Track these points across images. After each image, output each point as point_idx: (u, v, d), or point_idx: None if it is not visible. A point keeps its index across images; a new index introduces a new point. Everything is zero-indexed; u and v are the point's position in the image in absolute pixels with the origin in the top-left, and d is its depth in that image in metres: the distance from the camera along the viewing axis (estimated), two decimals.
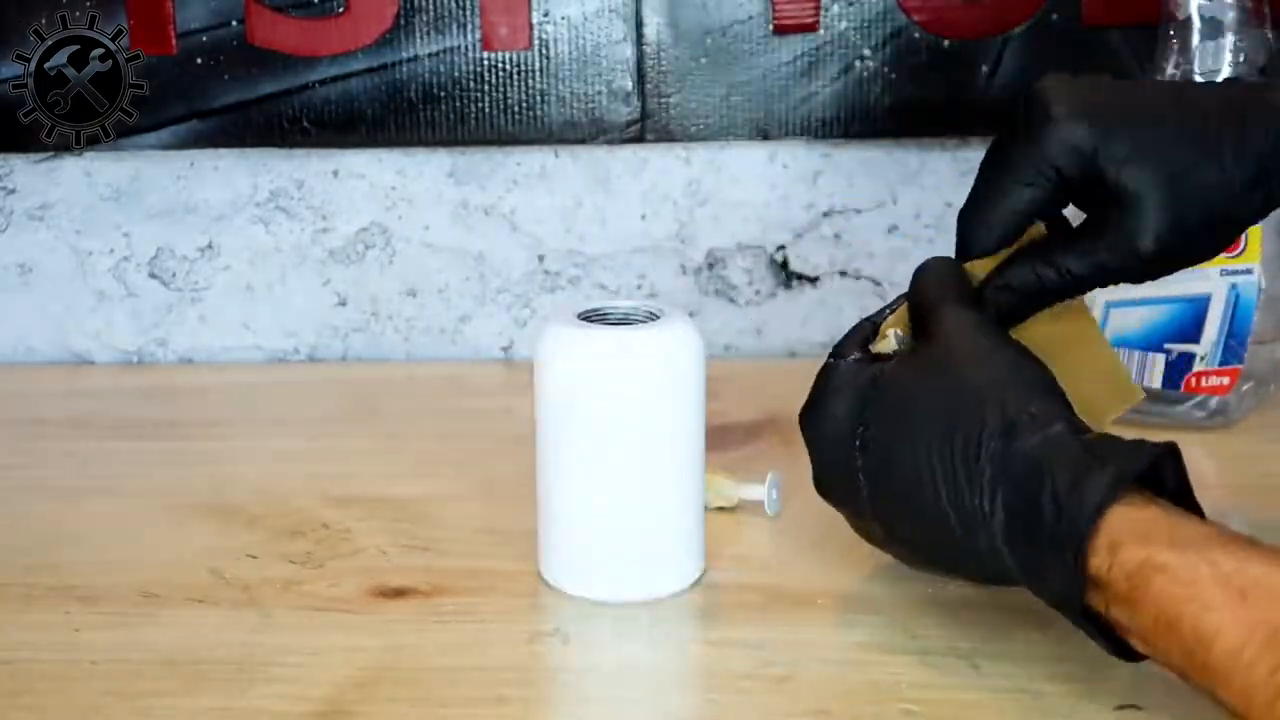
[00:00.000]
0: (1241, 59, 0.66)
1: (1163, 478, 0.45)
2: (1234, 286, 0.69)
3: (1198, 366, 0.70)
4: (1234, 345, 0.70)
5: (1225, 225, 0.51)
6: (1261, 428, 0.72)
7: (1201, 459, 0.67)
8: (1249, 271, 0.69)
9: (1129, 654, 0.44)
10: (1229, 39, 0.66)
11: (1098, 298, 0.71)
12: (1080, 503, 0.43)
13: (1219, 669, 0.39)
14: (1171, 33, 0.67)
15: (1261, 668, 0.38)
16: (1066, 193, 0.50)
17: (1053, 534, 0.43)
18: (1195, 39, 0.67)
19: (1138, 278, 0.51)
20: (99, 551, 0.59)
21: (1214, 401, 0.71)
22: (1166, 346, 0.71)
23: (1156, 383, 0.71)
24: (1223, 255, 0.68)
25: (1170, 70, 0.67)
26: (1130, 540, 0.42)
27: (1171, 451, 0.45)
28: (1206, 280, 0.69)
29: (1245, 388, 0.71)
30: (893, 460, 0.47)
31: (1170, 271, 0.51)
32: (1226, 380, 0.70)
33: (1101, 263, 0.50)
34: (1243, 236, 0.68)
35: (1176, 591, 0.41)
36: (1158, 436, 0.68)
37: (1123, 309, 0.72)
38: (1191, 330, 0.71)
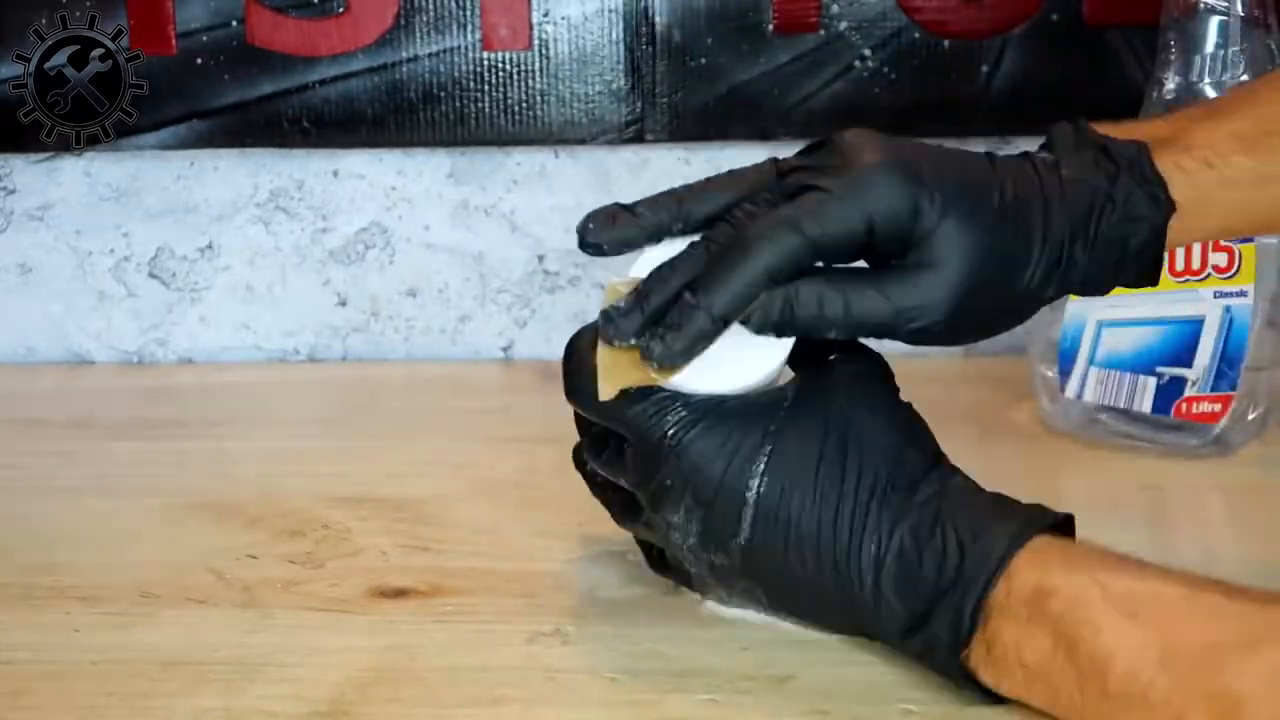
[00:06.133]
0: (1243, 61, 0.66)
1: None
2: (1228, 309, 0.67)
3: (1189, 391, 0.68)
4: (1227, 370, 0.68)
5: (1012, 308, 0.50)
6: (1263, 459, 0.69)
7: (1195, 490, 0.66)
8: (1243, 294, 0.67)
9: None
10: (1231, 40, 0.66)
11: (1089, 317, 0.70)
12: (987, 550, 0.43)
13: (1116, 696, 0.39)
14: (1172, 33, 0.67)
15: (1158, 691, 0.38)
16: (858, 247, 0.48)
17: (953, 579, 0.43)
18: (1196, 39, 0.66)
19: (911, 337, 0.48)
20: (99, 551, 0.59)
21: (1215, 429, 0.68)
22: (1158, 370, 0.69)
23: (1146, 407, 0.69)
24: (1216, 276, 0.68)
25: (1172, 73, 0.67)
26: (1025, 567, 0.42)
27: (1068, 520, 0.45)
28: (1199, 302, 0.67)
29: (1251, 416, 0.69)
30: (789, 503, 0.46)
31: (945, 342, 0.49)
32: (1219, 407, 0.68)
33: (897, 308, 0.47)
34: (1237, 255, 0.67)
35: (1071, 614, 0.40)
36: (1151, 464, 0.69)
37: (1114, 329, 0.70)
38: (1184, 353, 0.68)
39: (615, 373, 0.48)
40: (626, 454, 0.48)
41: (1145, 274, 0.51)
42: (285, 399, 0.86)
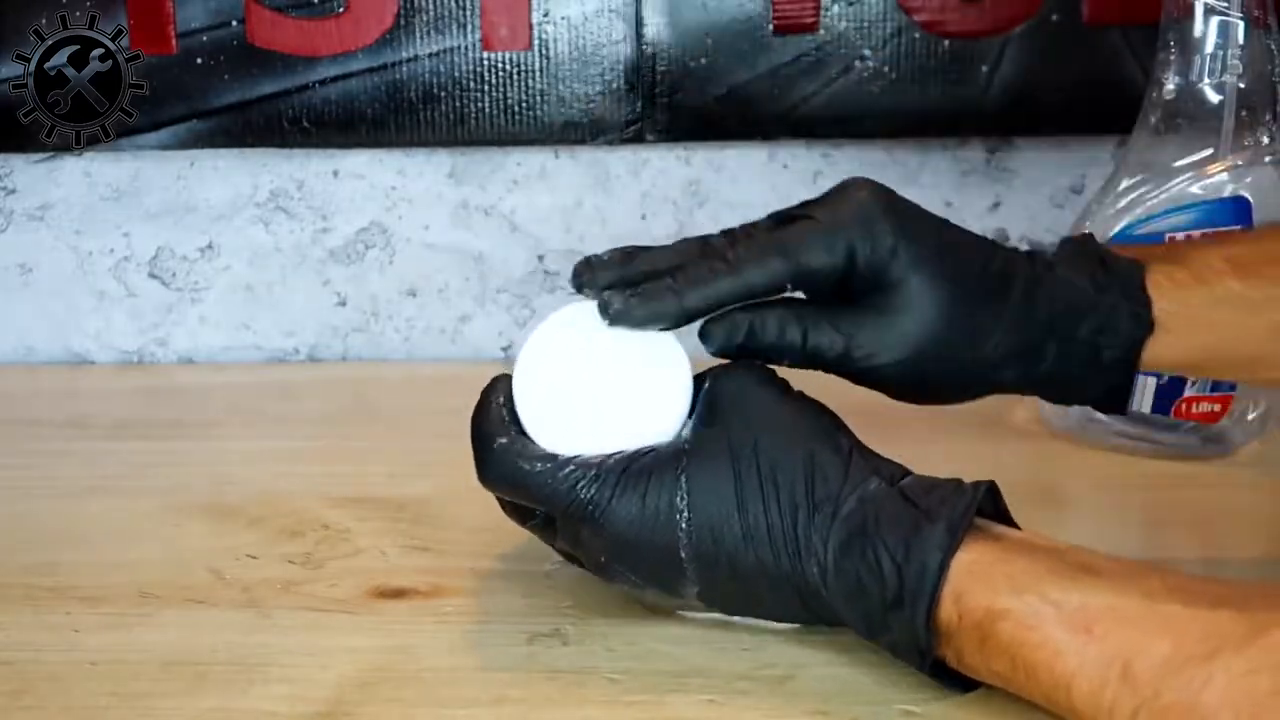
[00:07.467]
0: (1243, 61, 0.66)
1: (986, 510, 0.45)
2: None
3: (1188, 391, 0.68)
4: None
5: (967, 380, 0.50)
6: (1263, 459, 0.69)
7: (1195, 490, 0.66)
8: None
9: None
10: (1231, 40, 0.66)
11: None
12: (922, 565, 0.42)
13: (1084, 713, 0.39)
14: (1172, 33, 0.67)
15: (1123, 709, 0.38)
16: (834, 279, 0.49)
17: (896, 597, 0.43)
18: (1196, 40, 0.66)
19: (861, 378, 0.50)
20: (99, 551, 0.59)
21: (1215, 429, 0.68)
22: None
23: (1146, 407, 0.69)
24: None
25: (1172, 74, 0.67)
26: (972, 588, 0.42)
27: (990, 489, 0.45)
28: None
29: (1250, 416, 0.69)
30: (723, 548, 0.46)
31: (894, 394, 0.50)
32: (1218, 407, 0.68)
33: (849, 345, 0.48)
34: None
35: (1025, 637, 0.40)
36: (1151, 465, 0.69)
37: None
38: None
39: None
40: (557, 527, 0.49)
41: (1113, 394, 0.51)
42: (285, 399, 0.86)
